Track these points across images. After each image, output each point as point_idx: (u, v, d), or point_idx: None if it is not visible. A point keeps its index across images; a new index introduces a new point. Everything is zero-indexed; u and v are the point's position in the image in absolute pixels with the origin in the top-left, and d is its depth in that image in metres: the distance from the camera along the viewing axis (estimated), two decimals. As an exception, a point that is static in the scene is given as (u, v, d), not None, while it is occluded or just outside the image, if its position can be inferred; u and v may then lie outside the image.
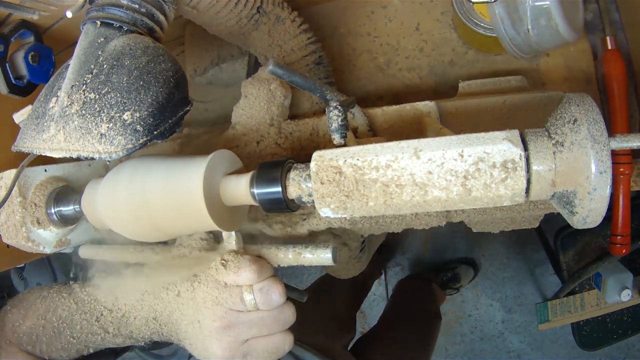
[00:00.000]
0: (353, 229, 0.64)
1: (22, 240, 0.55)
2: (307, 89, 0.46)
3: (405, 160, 0.36)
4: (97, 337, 0.50)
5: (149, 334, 0.50)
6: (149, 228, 0.47)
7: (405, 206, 0.37)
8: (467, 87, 0.64)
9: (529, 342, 1.71)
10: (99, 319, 0.50)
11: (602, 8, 0.64)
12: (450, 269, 1.67)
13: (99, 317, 0.50)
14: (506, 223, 0.67)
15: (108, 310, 0.50)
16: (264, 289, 0.46)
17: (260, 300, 0.46)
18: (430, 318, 1.37)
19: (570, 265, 1.17)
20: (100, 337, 0.50)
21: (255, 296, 0.46)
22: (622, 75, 0.61)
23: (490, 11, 0.54)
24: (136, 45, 0.42)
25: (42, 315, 0.50)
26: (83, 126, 0.40)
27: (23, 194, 0.55)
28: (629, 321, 1.27)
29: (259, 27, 0.62)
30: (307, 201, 0.42)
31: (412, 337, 1.22)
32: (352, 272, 0.87)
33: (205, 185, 0.44)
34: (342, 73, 0.79)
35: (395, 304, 1.48)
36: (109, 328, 0.50)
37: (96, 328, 0.50)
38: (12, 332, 0.50)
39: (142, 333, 0.50)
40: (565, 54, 0.69)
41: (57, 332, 0.50)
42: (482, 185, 0.34)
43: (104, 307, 0.50)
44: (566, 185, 0.34)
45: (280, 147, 0.58)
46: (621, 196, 0.63)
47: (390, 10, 0.76)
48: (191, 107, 0.46)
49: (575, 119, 0.33)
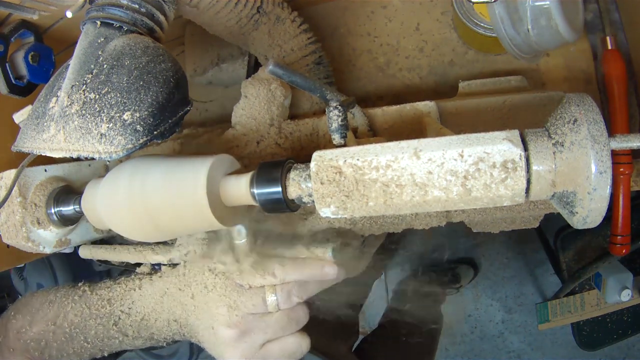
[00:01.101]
0: (353, 229, 0.64)
1: (22, 240, 0.55)
2: (307, 89, 0.46)
3: (405, 160, 0.36)
4: (115, 340, 0.49)
5: (171, 334, 0.49)
6: (149, 228, 0.47)
7: (405, 206, 0.37)
8: (467, 87, 0.64)
9: (529, 342, 1.71)
10: (117, 322, 0.48)
11: (602, 8, 0.64)
12: (450, 269, 1.67)
13: (116, 321, 0.48)
14: (506, 223, 0.67)
15: (126, 314, 0.49)
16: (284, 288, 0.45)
17: (282, 300, 0.45)
18: (432, 319, 1.36)
19: (570, 265, 1.17)
20: (119, 341, 0.49)
21: (278, 296, 0.45)
22: (622, 75, 0.61)
23: (490, 11, 0.54)
24: (136, 45, 0.42)
25: (52, 321, 0.49)
26: (83, 126, 0.40)
27: (23, 194, 0.55)
28: (629, 321, 1.27)
29: (259, 27, 0.62)
30: (307, 201, 0.42)
31: (414, 338, 1.22)
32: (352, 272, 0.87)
33: (208, 185, 0.44)
34: (342, 73, 0.79)
35: (395, 305, 1.48)
36: (129, 331, 0.49)
37: (114, 332, 0.49)
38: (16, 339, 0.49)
39: (164, 334, 0.49)
40: (565, 54, 0.69)
41: (69, 338, 0.49)
42: (482, 185, 0.34)
43: (120, 311, 0.49)
44: (566, 186, 0.34)
45: (280, 147, 0.58)
46: (621, 196, 0.63)
47: (390, 10, 0.76)
48: (191, 107, 0.46)
49: (575, 119, 0.33)
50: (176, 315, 0.48)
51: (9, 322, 0.50)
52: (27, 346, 0.49)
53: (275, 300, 0.45)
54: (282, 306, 0.45)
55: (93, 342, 0.49)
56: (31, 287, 1.70)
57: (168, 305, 0.48)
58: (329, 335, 1.00)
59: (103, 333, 0.49)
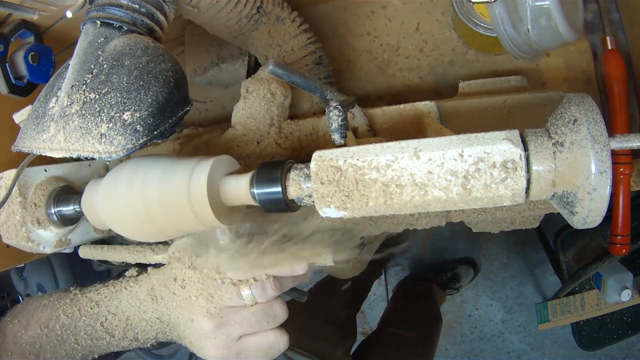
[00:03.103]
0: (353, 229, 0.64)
1: (22, 240, 0.55)
2: (307, 89, 0.46)
3: (405, 160, 0.36)
4: (103, 341, 0.50)
5: (154, 334, 0.50)
6: (149, 228, 0.47)
7: (405, 206, 0.37)
8: (467, 87, 0.64)
9: (529, 342, 1.71)
10: (104, 323, 0.50)
11: (602, 8, 0.64)
12: (450, 269, 1.67)
13: (103, 322, 0.50)
14: (506, 223, 0.68)
15: (112, 314, 0.50)
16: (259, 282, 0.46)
17: (257, 293, 0.46)
18: (431, 320, 1.36)
19: (570, 265, 1.17)
20: (106, 342, 0.50)
21: (252, 290, 0.46)
22: (622, 75, 0.61)
23: (490, 11, 0.54)
24: (136, 45, 0.42)
25: (45, 324, 0.50)
26: (83, 126, 0.40)
27: (23, 194, 0.55)
28: (629, 321, 1.27)
29: (259, 27, 0.62)
30: (307, 201, 0.42)
31: (414, 340, 1.21)
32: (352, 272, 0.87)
33: (208, 185, 0.44)
34: (342, 73, 0.79)
35: (396, 306, 1.48)
36: (115, 332, 0.50)
37: (101, 333, 0.50)
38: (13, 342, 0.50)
39: (148, 334, 0.50)
40: (565, 54, 0.69)
41: (61, 340, 0.50)
42: (482, 185, 0.34)
43: (107, 312, 0.50)
44: (566, 186, 0.34)
45: (280, 147, 0.58)
46: (621, 196, 0.63)
47: (390, 10, 0.76)
48: (191, 107, 0.46)
49: (575, 119, 0.33)
50: (159, 312, 0.49)
51: (6, 328, 0.52)
52: (24, 349, 0.50)
53: (250, 294, 0.46)
54: (259, 299, 0.46)
55: (83, 344, 0.50)
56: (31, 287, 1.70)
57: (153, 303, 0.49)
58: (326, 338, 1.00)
59: (92, 334, 0.50)
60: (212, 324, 0.45)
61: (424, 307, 1.44)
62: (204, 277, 0.46)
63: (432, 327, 1.32)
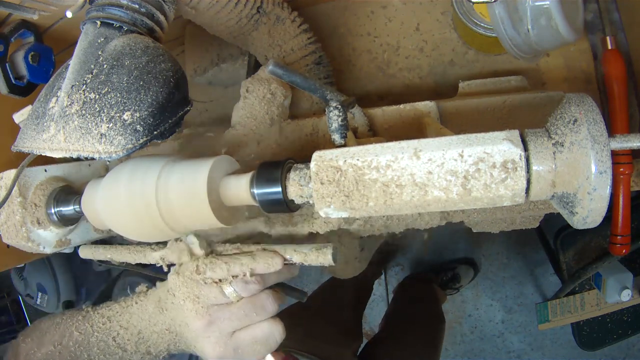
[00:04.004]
0: (352, 229, 0.64)
1: (22, 240, 0.55)
2: (307, 89, 0.46)
3: (405, 160, 0.36)
4: (116, 356, 0.51)
5: (165, 346, 0.51)
6: (149, 228, 0.47)
7: (405, 206, 0.37)
8: (467, 87, 0.64)
9: (529, 342, 1.71)
10: (116, 338, 0.50)
11: (602, 8, 0.64)
12: (450, 269, 1.66)
13: (115, 337, 0.50)
14: (506, 223, 0.67)
15: (124, 329, 0.50)
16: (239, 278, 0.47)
17: (239, 289, 0.47)
18: (434, 321, 1.36)
19: (570, 265, 1.17)
20: (119, 357, 0.51)
21: (234, 286, 0.47)
22: (622, 75, 0.61)
23: (490, 11, 0.54)
24: (136, 45, 0.42)
25: (58, 341, 0.51)
26: (83, 126, 0.40)
27: (23, 194, 0.55)
28: (629, 321, 1.27)
29: (259, 27, 0.62)
30: (307, 201, 0.42)
31: (418, 342, 1.21)
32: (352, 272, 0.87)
33: (209, 185, 0.44)
34: (342, 73, 0.79)
35: (398, 307, 1.47)
36: (127, 346, 0.50)
37: (114, 348, 0.50)
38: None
39: (160, 347, 0.51)
40: (565, 54, 0.69)
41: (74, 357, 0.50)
42: (482, 185, 0.34)
43: (119, 326, 0.50)
44: (566, 186, 0.34)
45: (280, 147, 0.58)
46: (621, 196, 0.63)
47: (390, 10, 0.76)
48: (191, 107, 0.46)
49: (575, 119, 0.33)
50: (167, 324, 0.50)
51: (19, 347, 0.52)
52: None
53: (233, 291, 0.47)
54: (242, 294, 0.47)
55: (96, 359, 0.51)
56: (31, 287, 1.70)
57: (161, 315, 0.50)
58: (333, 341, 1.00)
59: (104, 349, 0.50)
60: (202, 322, 0.46)
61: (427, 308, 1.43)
62: (187, 280, 0.47)
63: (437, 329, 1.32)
